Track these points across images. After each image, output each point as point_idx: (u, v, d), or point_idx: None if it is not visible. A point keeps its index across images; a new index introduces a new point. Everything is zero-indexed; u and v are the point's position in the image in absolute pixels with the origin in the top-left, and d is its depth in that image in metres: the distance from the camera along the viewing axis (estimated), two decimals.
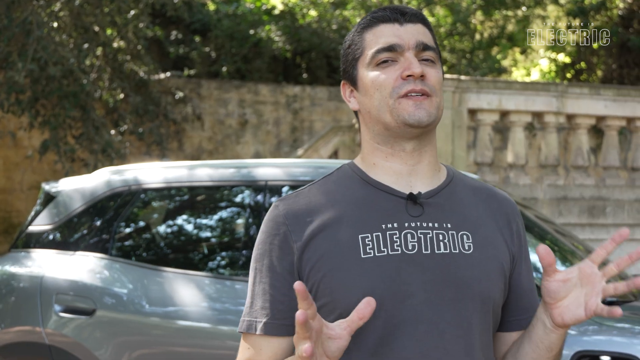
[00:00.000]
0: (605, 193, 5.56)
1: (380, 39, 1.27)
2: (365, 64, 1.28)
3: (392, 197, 1.26)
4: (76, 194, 3.21)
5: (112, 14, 8.12)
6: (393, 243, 1.23)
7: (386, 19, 1.28)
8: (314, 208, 1.28)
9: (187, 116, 9.95)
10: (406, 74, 1.24)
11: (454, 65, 11.90)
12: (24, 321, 3.01)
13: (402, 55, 1.26)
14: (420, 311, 1.21)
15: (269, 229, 1.28)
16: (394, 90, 1.24)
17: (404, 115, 1.23)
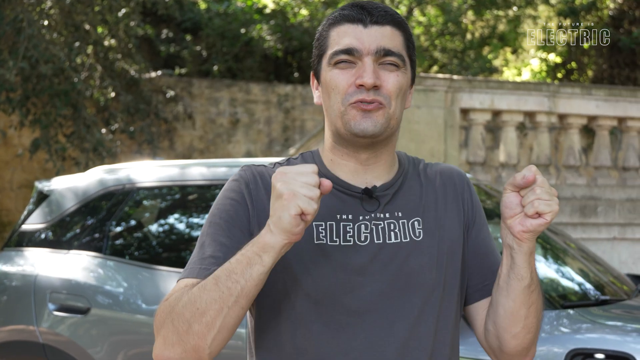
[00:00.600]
0: (596, 192, 5.60)
1: (342, 40, 1.24)
2: (326, 62, 1.27)
3: (348, 192, 1.28)
4: (69, 193, 3.20)
5: (103, 12, 8.09)
6: (346, 234, 1.25)
7: (351, 19, 1.25)
8: (267, 180, 1.29)
9: (178, 115, 9.93)
10: (358, 82, 1.22)
11: (445, 64, 11.94)
12: (18, 320, 3.00)
13: (361, 59, 1.23)
14: (370, 301, 1.22)
15: (231, 186, 1.28)
16: (346, 97, 1.23)
17: (351, 124, 1.23)
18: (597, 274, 3.01)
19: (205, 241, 1.24)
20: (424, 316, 1.25)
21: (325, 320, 1.22)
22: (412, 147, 5.60)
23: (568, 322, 2.36)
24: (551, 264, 3.07)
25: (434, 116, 5.60)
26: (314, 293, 1.22)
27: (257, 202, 1.26)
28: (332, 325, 1.22)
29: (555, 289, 2.74)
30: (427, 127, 5.60)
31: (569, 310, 2.43)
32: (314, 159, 1.34)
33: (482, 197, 3.27)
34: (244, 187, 1.27)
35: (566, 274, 2.99)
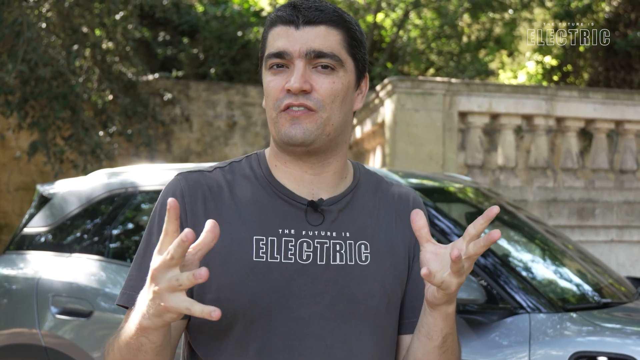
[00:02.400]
0: (594, 195, 5.63)
1: (275, 42, 1.18)
2: (264, 66, 1.21)
3: (293, 202, 1.20)
4: (72, 196, 3.21)
5: (101, 15, 8.10)
6: (287, 251, 1.17)
7: (284, 20, 1.18)
8: (215, 192, 1.21)
9: (176, 117, 9.93)
10: (286, 87, 1.15)
11: (442, 67, 11.97)
12: (20, 323, 3.00)
13: (292, 62, 1.16)
14: (309, 324, 1.16)
15: (165, 200, 1.19)
16: (277, 102, 1.17)
17: (281, 132, 1.16)
18: (596, 276, 3.03)
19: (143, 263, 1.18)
20: (363, 343, 1.20)
21: (262, 341, 1.16)
22: (410, 151, 5.62)
23: (570, 325, 2.38)
24: (550, 266, 3.09)
25: (432, 119, 5.62)
26: (251, 313, 1.15)
27: (194, 216, 1.19)
28: (269, 348, 1.16)
29: (555, 291, 2.75)
30: (425, 130, 5.62)
31: (571, 314, 2.44)
32: (259, 163, 1.25)
33: (481, 199, 3.29)
34: (179, 202, 1.17)
35: (566, 277, 3.01)
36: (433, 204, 2.74)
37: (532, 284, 2.58)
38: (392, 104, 5.72)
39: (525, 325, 2.36)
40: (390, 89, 5.71)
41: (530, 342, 2.30)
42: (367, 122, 6.92)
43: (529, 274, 2.80)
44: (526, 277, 2.65)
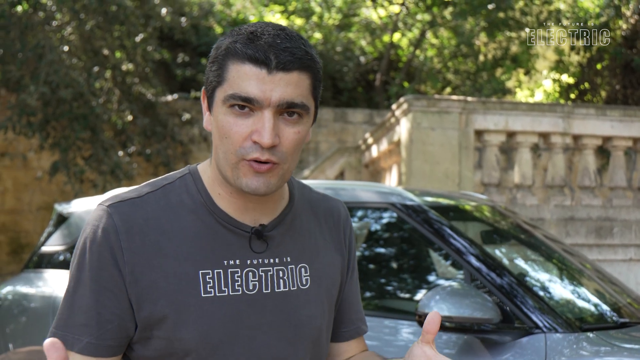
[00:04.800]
0: (612, 213, 5.58)
1: (241, 83, 1.08)
2: (221, 98, 1.11)
3: (237, 230, 1.18)
4: (88, 215, 3.25)
5: (121, 37, 8.24)
6: (234, 282, 1.16)
7: (255, 60, 1.08)
8: (152, 225, 1.14)
9: (194, 137, 10.03)
10: (255, 139, 1.09)
11: (458, 86, 11.98)
12: (36, 341, 3.03)
13: (260, 110, 1.09)
14: (259, 354, 1.17)
15: (96, 236, 1.12)
16: (240, 150, 1.10)
17: (242, 181, 1.12)
18: (614, 295, 3.00)
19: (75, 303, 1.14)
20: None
21: None
22: (426, 169, 5.62)
23: (587, 346, 2.35)
24: (567, 285, 3.06)
25: (448, 137, 5.62)
26: (203, 349, 1.13)
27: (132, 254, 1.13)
28: None
29: (572, 311, 2.73)
30: (441, 148, 5.62)
31: (587, 334, 2.41)
32: (197, 188, 1.19)
33: (497, 217, 3.28)
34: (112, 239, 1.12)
35: (583, 296, 2.98)
36: (448, 222, 2.73)
37: (549, 303, 2.56)
38: (408, 122, 5.73)
39: (541, 345, 2.33)
40: (406, 108, 5.72)
41: None
42: (383, 141, 6.93)
43: (546, 293, 2.77)
44: (542, 296, 2.62)
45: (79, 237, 1.16)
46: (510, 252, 3.12)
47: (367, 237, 3.16)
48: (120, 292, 1.12)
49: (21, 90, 6.87)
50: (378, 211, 2.93)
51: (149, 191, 1.18)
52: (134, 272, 1.12)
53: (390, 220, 2.95)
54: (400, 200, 2.75)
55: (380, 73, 11.70)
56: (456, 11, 10.94)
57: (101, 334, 1.12)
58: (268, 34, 1.10)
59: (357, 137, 10.21)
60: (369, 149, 7.84)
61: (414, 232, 2.77)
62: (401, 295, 2.97)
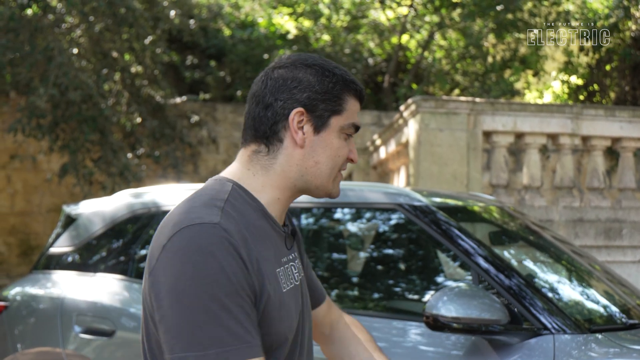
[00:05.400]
0: (621, 215, 5.54)
1: (355, 115, 1.37)
2: (340, 125, 1.34)
3: (279, 231, 1.36)
4: (96, 217, 3.26)
5: (130, 40, 8.27)
6: (289, 277, 1.34)
7: (361, 98, 1.38)
8: (246, 235, 1.24)
9: (203, 139, 10.05)
10: (351, 158, 1.38)
11: (467, 88, 11.95)
12: (45, 342, 3.04)
13: (353, 134, 1.38)
14: (307, 335, 1.40)
15: (222, 249, 1.17)
16: (341, 165, 1.37)
17: (335, 190, 1.38)
18: (623, 297, 2.98)
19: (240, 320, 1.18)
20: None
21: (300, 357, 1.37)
22: (434, 170, 5.61)
23: (596, 347, 2.34)
24: (576, 287, 3.05)
25: (457, 139, 5.61)
26: (290, 339, 1.32)
27: (251, 262, 1.23)
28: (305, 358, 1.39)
29: (582, 312, 2.71)
30: (449, 149, 5.61)
31: (596, 335, 2.40)
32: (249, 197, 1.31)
33: (506, 218, 3.27)
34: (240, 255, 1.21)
35: (592, 297, 2.96)
36: (456, 223, 2.72)
37: (557, 304, 2.54)
38: (416, 123, 5.72)
39: (550, 346, 2.32)
40: (414, 109, 5.71)
41: None
42: (391, 142, 6.92)
43: (555, 294, 2.76)
44: (551, 297, 2.61)
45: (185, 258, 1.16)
46: (519, 253, 3.10)
47: (374, 237, 3.15)
48: (252, 297, 1.21)
49: (30, 93, 6.91)
50: (386, 212, 2.93)
51: (222, 206, 1.25)
52: (255, 280, 1.22)
53: (397, 221, 2.95)
54: (407, 201, 2.74)
55: (389, 75, 11.69)
56: (464, 13, 10.92)
57: (257, 334, 1.19)
58: (354, 78, 1.38)
59: (365, 139, 10.21)
60: (377, 151, 7.83)
61: (421, 233, 2.77)
62: (409, 296, 2.96)
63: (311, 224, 3.05)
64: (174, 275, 1.16)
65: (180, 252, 1.16)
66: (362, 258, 3.27)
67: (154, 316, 1.20)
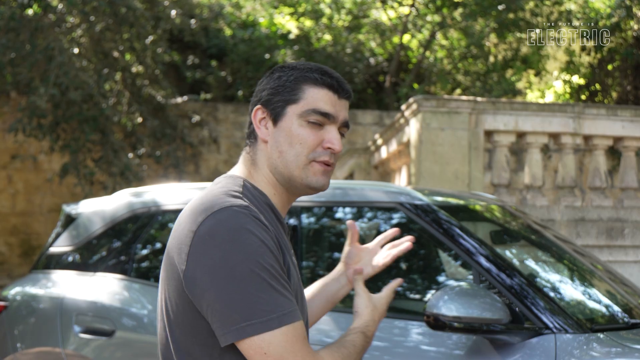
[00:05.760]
0: (623, 214, 5.53)
1: (320, 102, 1.39)
2: (296, 113, 1.39)
3: (284, 225, 1.44)
4: (96, 216, 3.25)
5: (131, 39, 8.26)
6: (295, 268, 1.42)
7: (331, 87, 1.40)
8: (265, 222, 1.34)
9: (204, 139, 10.04)
10: (328, 146, 1.39)
11: (468, 87, 11.93)
12: (44, 342, 3.04)
13: (329, 124, 1.40)
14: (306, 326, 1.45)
15: (256, 227, 1.27)
16: (312, 154, 1.38)
17: (311, 179, 1.39)
18: (625, 296, 2.96)
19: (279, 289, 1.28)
20: None
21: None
22: (436, 170, 5.60)
23: (598, 347, 2.32)
24: (579, 286, 3.03)
25: (458, 138, 5.59)
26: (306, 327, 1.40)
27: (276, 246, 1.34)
28: None
29: (583, 311, 2.70)
30: (451, 149, 5.59)
31: (598, 334, 2.39)
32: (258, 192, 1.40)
33: (508, 218, 3.25)
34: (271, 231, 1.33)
35: (594, 297, 2.95)
36: (458, 222, 2.71)
37: (559, 304, 2.53)
38: (417, 123, 5.71)
39: (551, 346, 2.31)
40: (415, 108, 5.70)
41: None
42: (393, 142, 6.91)
43: (556, 294, 2.75)
44: (552, 297, 2.60)
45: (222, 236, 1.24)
46: (521, 253, 3.09)
47: (375, 237, 3.14)
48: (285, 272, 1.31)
49: (31, 93, 6.91)
50: (386, 211, 2.91)
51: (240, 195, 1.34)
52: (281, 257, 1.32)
53: (398, 220, 2.94)
54: (408, 200, 2.73)
55: (390, 74, 11.68)
56: (466, 12, 10.90)
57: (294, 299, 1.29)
58: (328, 69, 1.44)
59: (367, 139, 10.19)
60: (378, 150, 7.82)
61: (422, 232, 2.75)
62: (410, 295, 2.95)
63: (312, 223, 3.04)
64: (218, 254, 1.23)
65: (218, 233, 1.24)
66: None
67: (201, 302, 1.24)
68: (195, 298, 1.25)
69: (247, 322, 1.21)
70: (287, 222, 1.54)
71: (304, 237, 2.94)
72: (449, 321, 2.19)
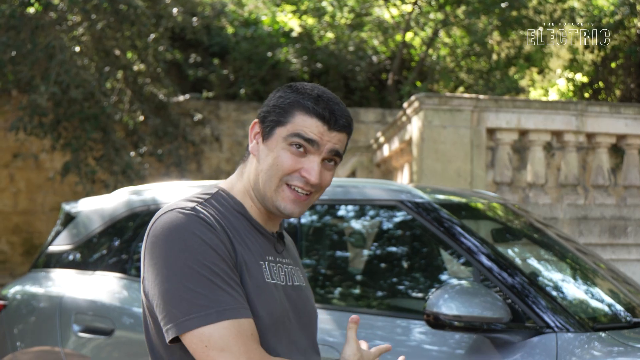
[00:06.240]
0: (626, 213, 5.50)
1: (307, 129, 1.38)
2: (282, 135, 1.39)
3: (266, 234, 1.44)
4: (95, 214, 3.24)
5: (132, 37, 8.25)
6: (274, 274, 1.41)
7: (322, 117, 1.38)
8: (219, 222, 1.36)
9: (206, 138, 10.03)
10: (304, 174, 1.38)
11: (471, 85, 11.90)
12: (44, 341, 3.03)
13: (312, 153, 1.38)
14: (292, 334, 1.42)
15: (199, 227, 1.30)
16: (286, 177, 1.38)
17: (280, 204, 1.39)
18: (628, 295, 2.94)
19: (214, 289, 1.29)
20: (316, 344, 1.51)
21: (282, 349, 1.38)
22: (438, 168, 5.58)
23: (600, 346, 2.30)
24: (581, 285, 3.01)
25: (460, 136, 5.57)
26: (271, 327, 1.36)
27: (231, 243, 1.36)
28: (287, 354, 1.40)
29: (586, 310, 2.68)
30: (453, 147, 5.57)
31: (600, 333, 2.37)
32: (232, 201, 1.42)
33: (510, 216, 3.23)
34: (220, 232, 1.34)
35: (596, 295, 2.93)
36: (459, 220, 2.69)
37: (561, 303, 2.51)
38: (419, 120, 5.69)
39: (552, 345, 2.29)
40: (417, 106, 5.68)
41: None
42: (395, 140, 6.89)
43: (558, 292, 2.72)
44: (554, 296, 2.58)
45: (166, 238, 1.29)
46: (523, 251, 3.07)
47: (376, 235, 3.12)
48: (234, 273, 1.31)
49: (32, 91, 6.90)
50: (387, 209, 2.90)
51: (201, 201, 1.39)
52: (234, 255, 1.33)
53: (399, 219, 2.92)
54: (409, 198, 2.71)
55: (393, 72, 11.65)
56: (469, 10, 10.87)
57: (240, 298, 1.29)
58: (328, 98, 1.41)
59: (369, 137, 10.17)
60: (380, 148, 7.80)
61: (423, 230, 2.73)
62: (412, 294, 2.93)
63: (314, 221, 3.02)
64: (162, 254, 1.29)
65: (162, 234, 1.30)
66: (363, 255, 3.24)
67: (152, 301, 1.31)
68: (147, 298, 1.33)
69: (187, 317, 1.25)
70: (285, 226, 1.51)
71: (305, 235, 2.92)
72: (449, 320, 2.17)
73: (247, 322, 1.28)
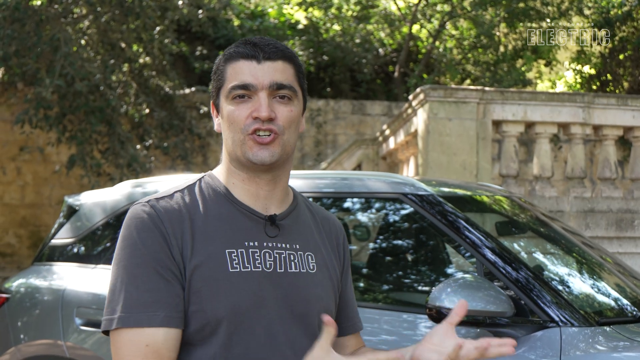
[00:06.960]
0: (633, 205, 5.45)
1: (238, 76, 1.36)
2: (224, 95, 1.38)
3: (253, 216, 1.39)
4: (98, 207, 3.23)
5: (138, 30, 8.24)
6: (255, 260, 1.35)
7: (245, 55, 1.36)
8: (184, 215, 1.35)
9: (212, 130, 10.02)
10: (254, 115, 1.34)
11: (478, 77, 11.84)
12: (46, 334, 3.03)
13: (256, 94, 1.35)
14: (274, 324, 1.34)
15: (145, 226, 1.31)
16: (244, 127, 1.35)
17: (249, 154, 1.35)
18: (634, 289, 2.92)
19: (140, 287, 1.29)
20: (308, 342, 1.37)
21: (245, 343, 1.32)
22: (443, 160, 5.54)
23: (604, 340, 2.28)
24: (586, 279, 2.99)
25: (466, 128, 5.54)
26: (233, 319, 1.31)
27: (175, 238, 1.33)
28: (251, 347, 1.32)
29: (591, 304, 2.65)
30: (458, 139, 5.54)
31: (605, 328, 2.34)
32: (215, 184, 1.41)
33: (515, 209, 3.20)
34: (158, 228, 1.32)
35: (602, 289, 2.90)
36: (463, 213, 2.66)
37: (565, 297, 2.48)
38: (425, 113, 5.65)
39: (556, 339, 2.27)
40: (423, 98, 5.64)
41: (561, 356, 2.20)
42: (400, 133, 6.86)
43: (563, 287, 2.70)
44: (558, 289, 2.55)
45: (121, 232, 1.34)
46: (528, 245, 3.05)
47: (379, 228, 3.10)
48: (176, 271, 1.30)
49: (37, 84, 6.90)
50: (391, 202, 2.87)
51: (176, 190, 1.40)
52: (180, 253, 1.31)
53: (403, 211, 2.90)
54: (413, 191, 2.69)
55: (399, 65, 11.60)
56: (476, 1, 10.80)
57: (174, 307, 1.28)
58: (254, 39, 1.38)
59: (376, 129, 10.14)
60: (386, 141, 7.77)
61: (427, 223, 2.71)
62: (416, 287, 2.91)
63: None
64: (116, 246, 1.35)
65: (122, 226, 1.35)
66: (367, 248, 3.22)
67: None
68: None
69: (105, 317, 1.31)
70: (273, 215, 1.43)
71: None
72: None
73: (152, 332, 1.26)
